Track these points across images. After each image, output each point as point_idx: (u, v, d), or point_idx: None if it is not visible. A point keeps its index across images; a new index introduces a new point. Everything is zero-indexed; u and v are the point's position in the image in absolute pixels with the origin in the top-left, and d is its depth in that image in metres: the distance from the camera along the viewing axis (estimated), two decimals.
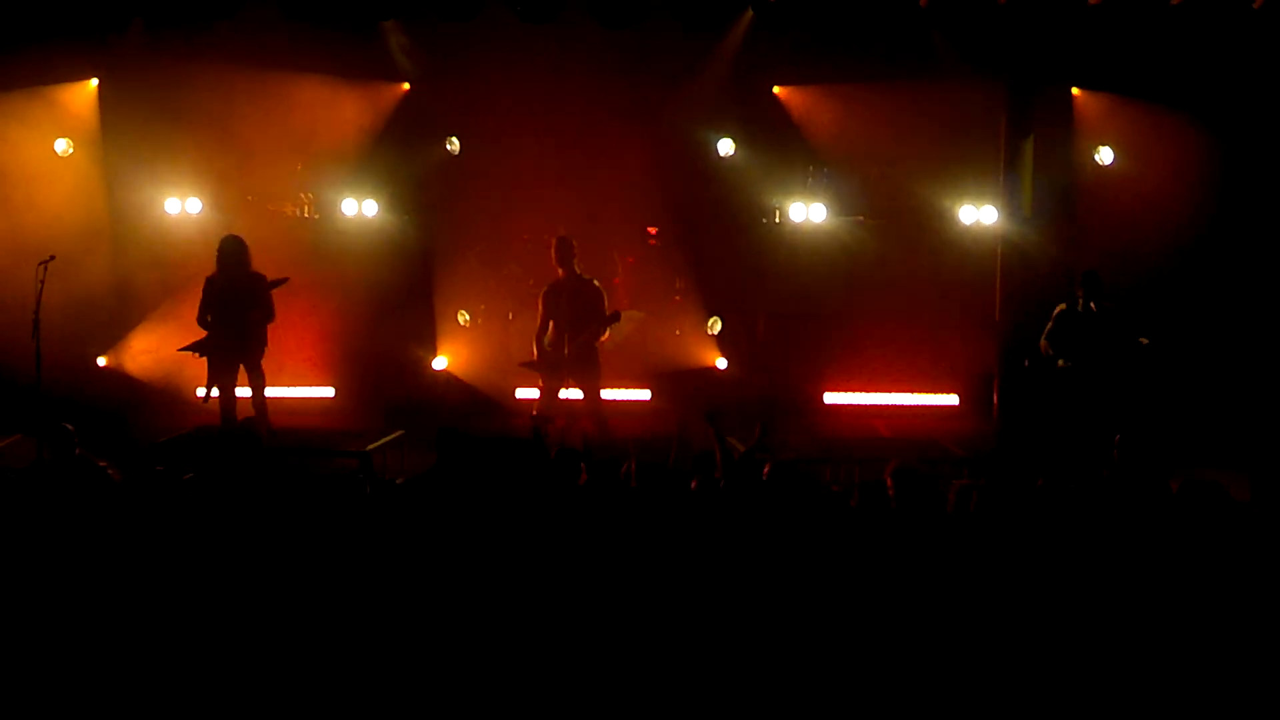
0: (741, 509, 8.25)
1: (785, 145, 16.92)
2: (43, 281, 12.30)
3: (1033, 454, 12.52)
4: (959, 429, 15.78)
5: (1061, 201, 16.29)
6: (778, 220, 17.21)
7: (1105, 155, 16.34)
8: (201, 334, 13.88)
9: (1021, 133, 16.22)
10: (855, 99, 16.50)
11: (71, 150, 16.50)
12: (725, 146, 17.04)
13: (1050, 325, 13.81)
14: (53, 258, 12.53)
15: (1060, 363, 13.63)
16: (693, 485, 9.11)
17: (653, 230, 17.49)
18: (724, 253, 17.27)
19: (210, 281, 14.03)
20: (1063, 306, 13.77)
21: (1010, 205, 16.32)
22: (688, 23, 13.58)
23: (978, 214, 16.72)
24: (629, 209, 16.97)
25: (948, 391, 17.17)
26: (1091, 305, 13.55)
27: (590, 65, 15.97)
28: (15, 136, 16.15)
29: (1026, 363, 14.06)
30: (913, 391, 17.14)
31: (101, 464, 10.17)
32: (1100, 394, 13.47)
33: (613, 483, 8.60)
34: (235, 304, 13.84)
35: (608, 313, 14.05)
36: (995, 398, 16.17)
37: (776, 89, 17.03)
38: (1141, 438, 10.83)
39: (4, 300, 14.59)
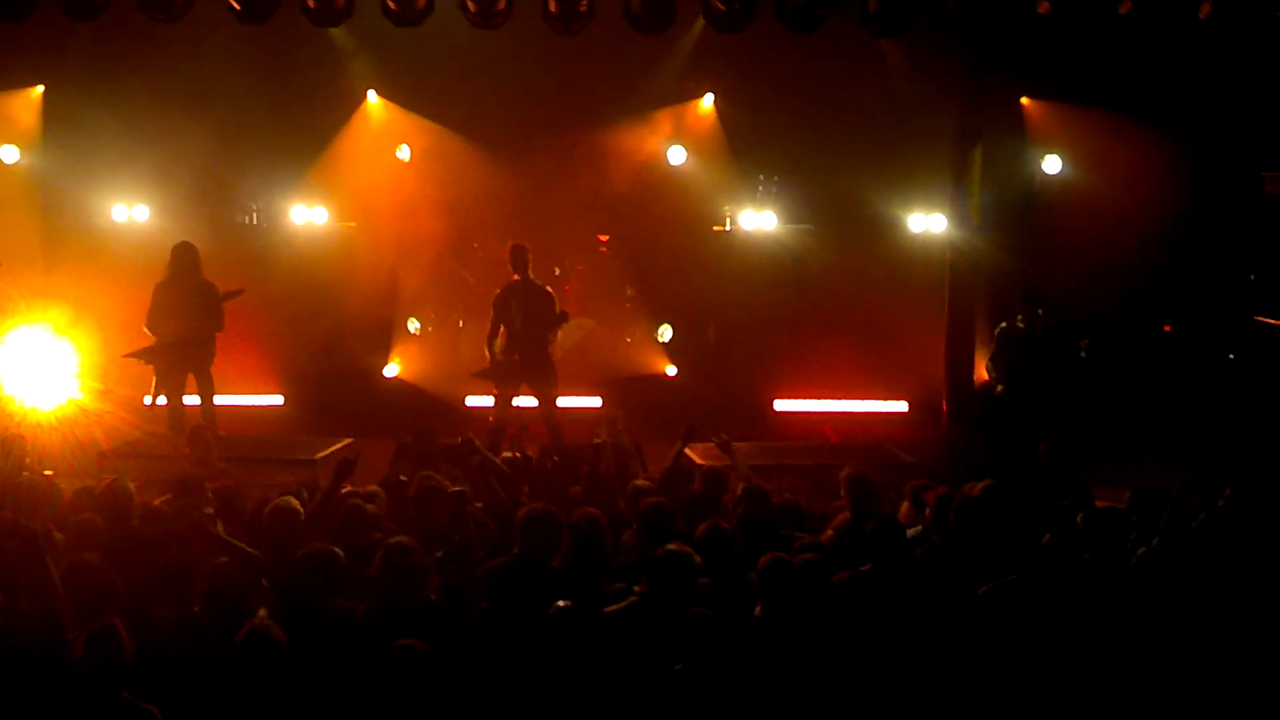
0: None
1: (734, 154, 16.94)
2: None
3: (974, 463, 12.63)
4: (908, 436, 15.82)
5: (1010, 210, 16.39)
6: (728, 228, 17.26)
7: (1054, 164, 16.46)
8: (147, 341, 13.76)
9: (969, 141, 16.30)
10: (804, 106, 16.50)
11: (19, 157, 16.36)
12: (676, 154, 17.08)
13: (994, 346, 13.93)
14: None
15: (999, 389, 13.78)
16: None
17: (603, 238, 17.52)
18: (674, 260, 17.32)
19: (160, 288, 13.89)
20: (1004, 325, 13.86)
21: (958, 214, 16.40)
22: (639, 27, 13.55)
23: (927, 222, 16.81)
24: (579, 217, 16.96)
25: (897, 399, 17.21)
26: (1020, 322, 13.63)
27: (542, 71, 15.91)
28: None
29: (999, 390, 14.08)
30: (862, 399, 17.16)
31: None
32: (1031, 407, 13.61)
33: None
34: (186, 311, 13.71)
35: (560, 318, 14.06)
36: (944, 405, 16.24)
37: (713, 97, 17.09)
38: (1067, 446, 11.00)
39: None
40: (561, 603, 7.17)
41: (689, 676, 6.85)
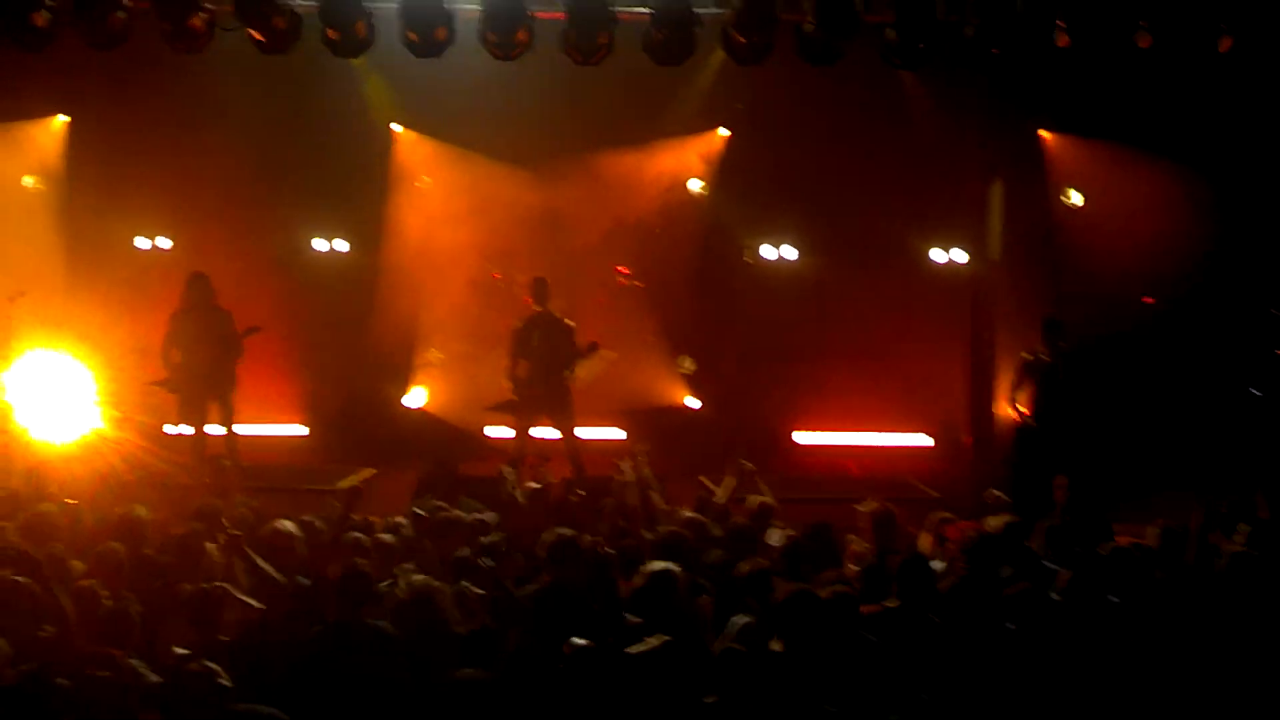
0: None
1: (753, 185, 16.92)
2: (11, 319, 12.20)
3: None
4: (931, 470, 15.79)
5: (1030, 243, 16.35)
6: (749, 260, 17.25)
7: (1075, 197, 16.43)
8: (166, 370, 13.81)
9: (989, 174, 16.29)
10: (823, 138, 16.48)
11: (39, 186, 16.42)
12: (695, 185, 17.10)
13: (1016, 378, 13.90)
14: (22, 293, 12.44)
15: (1024, 421, 13.73)
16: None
17: (624, 270, 17.50)
18: (696, 292, 17.27)
19: (176, 318, 13.95)
20: (1027, 357, 13.82)
21: (979, 246, 16.38)
22: (658, 58, 13.58)
23: (949, 255, 16.78)
24: (600, 247, 16.96)
25: (920, 432, 17.16)
26: (1043, 355, 13.59)
27: (562, 101, 15.90)
28: None
29: (1023, 422, 14.01)
30: (884, 431, 17.11)
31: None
32: (1053, 440, 13.55)
33: None
34: (203, 340, 13.76)
35: (581, 348, 14.07)
36: (967, 439, 16.20)
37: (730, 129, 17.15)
38: (1089, 480, 10.95)
39: None
40: (579, 640, 7.12)
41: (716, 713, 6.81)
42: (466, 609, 7.97)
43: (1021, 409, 13.84)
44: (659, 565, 7.93)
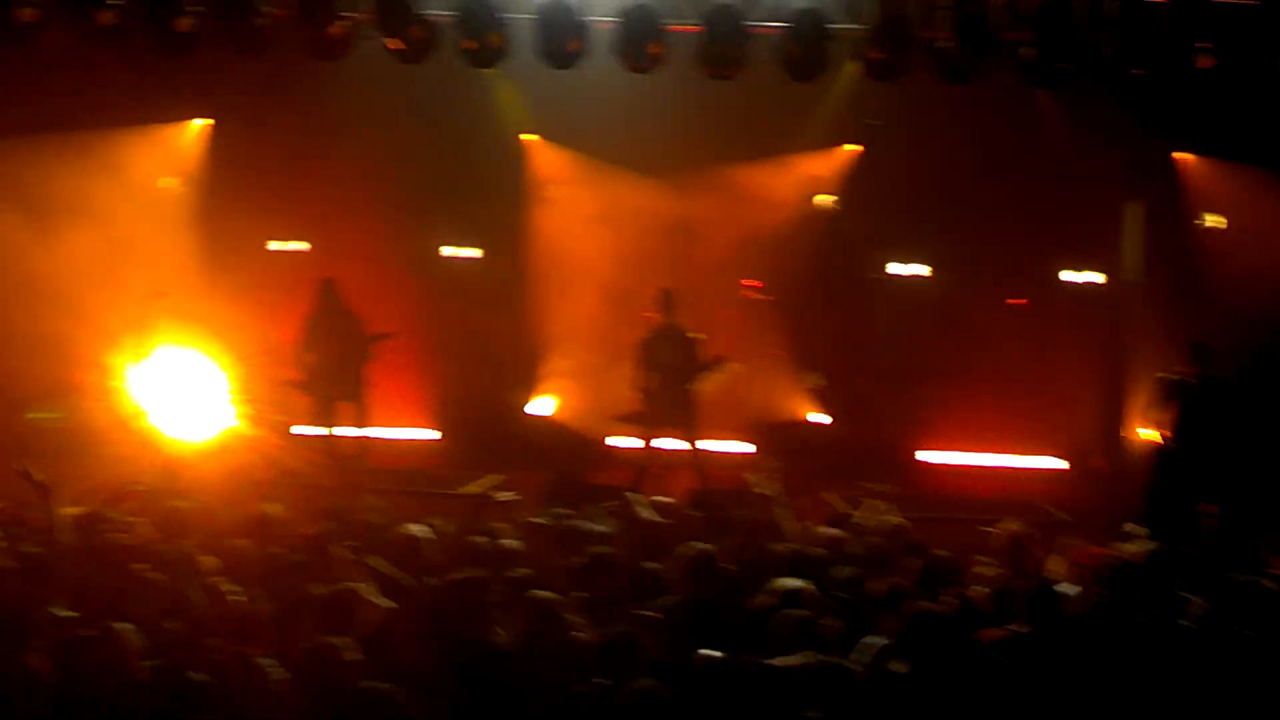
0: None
1: (885, 201, 16.79)
2: (153, 316, 12.40)
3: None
4: (1061, 494, 15.57)
5: (1170, 266, 16.07)
6: (880, 276, 17.14)
7: (1216, 220, 16.11)
8: (298, 372, 14.03)
9: (1127, 196, 16.05)
10: (957, 155, 16.33)
11: (176, 188, 16.71)
12: (826, 200, 17.01)
13: (1155, 396, 13.60)
14: (163, 293, 12.65)
15: (1160, 440, 13.45)
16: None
17: (752, 283, 17.44)
18: (825, 307, 17.17)
19: (307, 321, 14.17)
20: (1169, 378, 13.54)
21: (1116, 268, 16.13)
22: (795, 74, 13.53)
23: (1088, 276, 16.57)
24: (731, 259, 16.90)
25: (1050, 454, 16.91)
26: (1189, 376, 13.31)
27: (695, 112, 15.89)
28: (125, 173, 16.27)
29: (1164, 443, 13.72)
30: (1013, 452, 16.89)
31: None
32: (1199, 466, 13.25)
33: None
34: (334, 343, 13.96)
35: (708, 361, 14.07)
36: (1100, 462, 15.95)
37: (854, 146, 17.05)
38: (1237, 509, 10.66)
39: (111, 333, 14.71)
40: (709, 652, 7.09)
41: None
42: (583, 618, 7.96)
43: (1162, 431, 13.52)
44: (791, 583, 7.89)
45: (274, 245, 17.36)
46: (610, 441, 16.23)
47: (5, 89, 14.96)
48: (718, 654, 7.07)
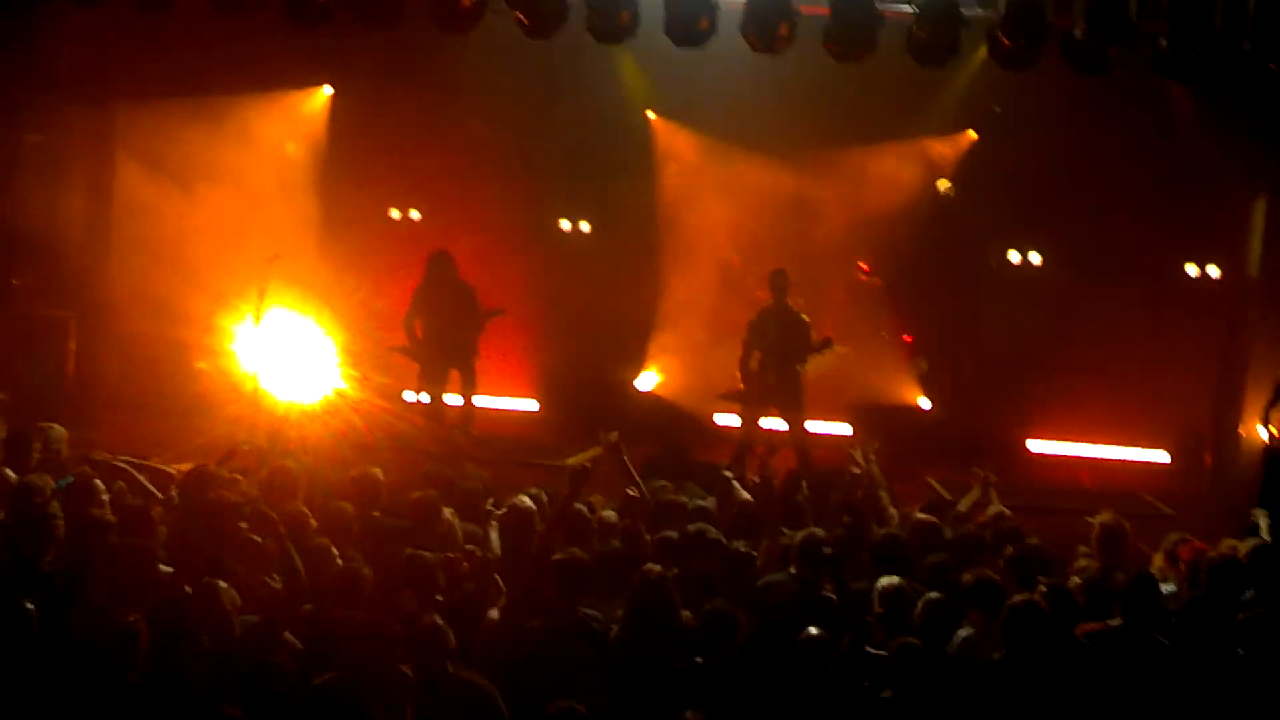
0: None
1: (1002, 189, 16.62)
2: (268, 278, 12.58)
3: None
4: (1167, 487, 15.38)
5: None
6: (993, 264, 17.00)
7: None
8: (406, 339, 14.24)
9: (1254, 191, 15.76)
10: (1077, 144, 16.13)
11: (298, 154, 16.97)
12: (944, 185, 16.88)
13: (1273, 399, 13.33)
14: (278, 256, 12.83)
15: (1266, 437, 13.17)
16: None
17: (864, 266, 17.37)
18: (935, 292, 17.05)
19: (419, 292, 14.34)
20: None
21: (1238, 263, 15.86)
22: (922, 59, 13.40)
23: (1204, 270, 16.32)
24: (843, 240, 16.84)
25: (1158, 448, 16.70)
26: None
27: (816, 94, 15.82)
28: (251, 136, 16.51)
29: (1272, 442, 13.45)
30: (1120, 445, 16.68)
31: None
32: None
33: None
34: (444, 313, 14.12)
35: (815, 343, 14.05)
36: (1208, 458, 15.71)
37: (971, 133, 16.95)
38: None
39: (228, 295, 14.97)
40: (814, 630, 7.20)
41: None
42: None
43: (1275, 430, 13.26)
44: (890, 581, 7.91)
45: (392, 213, 17.52)
46: (716, 420, 16.27)
47: (136, 53, 15.30)
48: (817, 632, 7.18)
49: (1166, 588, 8.63)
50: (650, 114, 17.52)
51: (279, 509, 8.59)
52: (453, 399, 14.47)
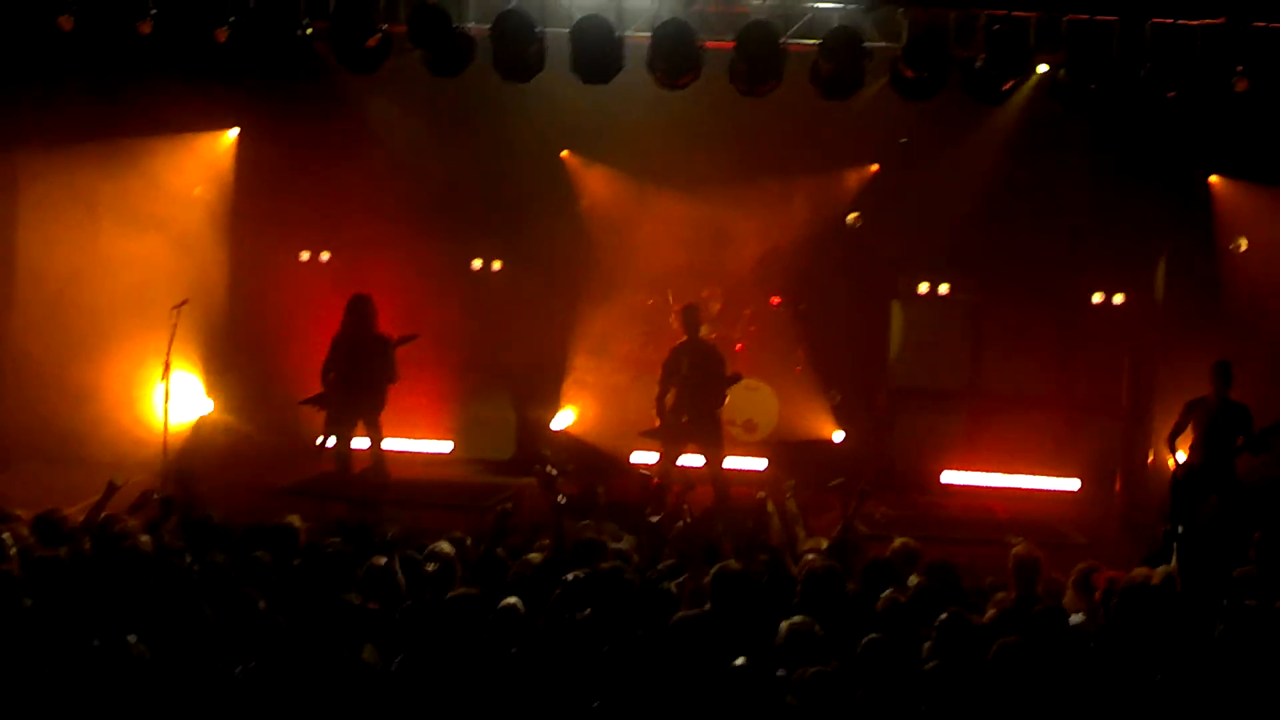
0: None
1: (911, 219, 16.76)
2: (175, 325, 12.47)
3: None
4: (1078, 515, 15.52)
5: (1198, 288, 15.98)
6: (902, 294, 17.14)
7: (1244, 243, 16.03)
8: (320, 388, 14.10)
9: (1156, 218, 15.99)
10: (980, 176, 16.39)
11: (205, 195, 16.82)
12: (851, 217, 17.00)
13: (1177, 420, 13.49)
14: (185, 302, 12.71)
15: (1172, 462, 13.33)
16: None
17: (776, 300, 17.46)
18: (847, 325, 17.15)
19: (336, 341, 14.18)
20: (1193, 399, 13.44)
21: (1143, 290, 16.08)
22: (826, 91, 13.51)
23: (1110, 297, 16.54)
24: (754, 274, 16.93)
25: (1069, 476, 16.85)
26: (1209, 398, 13.21)
27: (723, 125, 15.85)
28: (157, 180, 16.33)
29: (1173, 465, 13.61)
30: (1033, 474, 16.81)
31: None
32: (1227, 490, 13.15)
33: None
34: (359, 361, 13.97)
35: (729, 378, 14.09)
36: (1118, 485, 15.88)
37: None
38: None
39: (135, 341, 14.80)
40: (740, 660, 7.20)
41: None
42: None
43: (1177, 453, 13.40)
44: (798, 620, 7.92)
45: (304, 255, 17.45)
46: (633, 458, 16.24)
47: (38, 98, 15.10)
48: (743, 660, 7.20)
49: (1075, 618, 8.69)
50: (564, 153, 17.51)
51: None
52: (360, 442, 14.29)
